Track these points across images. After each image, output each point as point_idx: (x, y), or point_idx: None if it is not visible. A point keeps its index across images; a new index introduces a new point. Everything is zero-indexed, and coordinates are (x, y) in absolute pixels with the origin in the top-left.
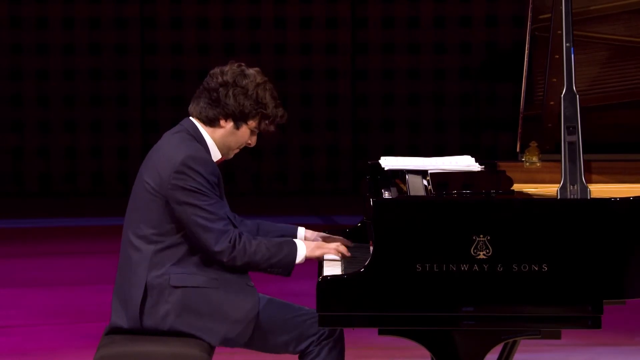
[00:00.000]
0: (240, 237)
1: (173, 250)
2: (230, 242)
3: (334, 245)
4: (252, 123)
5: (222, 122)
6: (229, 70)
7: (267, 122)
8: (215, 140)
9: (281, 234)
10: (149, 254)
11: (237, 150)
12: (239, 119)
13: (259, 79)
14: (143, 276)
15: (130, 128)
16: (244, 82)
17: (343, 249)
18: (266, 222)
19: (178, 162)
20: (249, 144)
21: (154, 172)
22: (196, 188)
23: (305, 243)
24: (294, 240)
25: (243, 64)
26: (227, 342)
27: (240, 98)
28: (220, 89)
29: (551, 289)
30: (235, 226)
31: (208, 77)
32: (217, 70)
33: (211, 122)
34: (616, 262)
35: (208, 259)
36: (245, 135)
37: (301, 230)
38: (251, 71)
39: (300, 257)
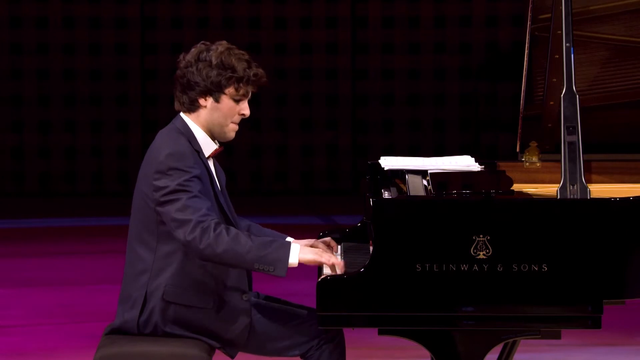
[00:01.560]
0: (217, 225)
1: (171, 257)
2: (202, 228)
3: (327, 256)
4: (230, 90)
5: (201, 102)
6: (192, 51)
7: (242, 84)
8: (203, 124)
9: (271, 238)
10: (150, 260)
11: (235, 126)
12: (214, 91)
13: (221, 48)
14: (144, 284)
15: (130, 128)
16: (205, 55)
17: (337, 262)
18: (256, 225)
19: (158, 162)
20: (243, 114)
21: (145, 176)
22: (176, 185)
23: (301, 246)
24: (288, 241)
25: (208, 42)
26: (222, 349)
27: (206, 71)
28: (187, 71)
29: (551, 289)
30: (233, 221)
31: (177, 68)
32: (181, 56)
33: (192, 107)
34: (616, 262)
35: (205, 269)
36: (230, 106)
37: (289, 240)
38: (215, 45)
39: (293, 257)
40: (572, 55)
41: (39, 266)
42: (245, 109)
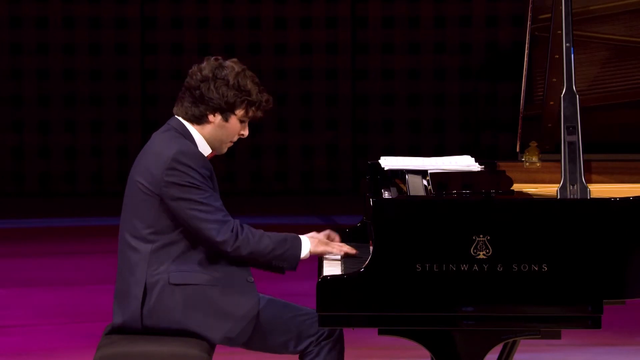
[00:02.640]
0: (242, 226)
1: (171, 248)
2: (232, 231)
3: (338, 247)
4: (240, 112)
5: (210, 118)
6: (207, 65)
7: (254, 109)
8: (205, 136)
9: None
10: (147, 253)
11: (231, 144)
12: (226, 111)
13: (237, 68)
14: (142, 276)
15: (130, 128)
16: (223, 74)
17: (347, 248)
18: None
19: (169, 159)
20: (242, 134)
21: (146, 171)
22: (190, 183)
23: (310, 238)
24: (298, 235)
25: (220, 57)
26: (228, 341)
27: (222, 89)
28: (202, 85)
29: (551, 289)
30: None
31: (188, 77)
32: (195, 68)
33: (199, 120)
34: (616, 262)
35: (208, 255)
36: (235, 126)
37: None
38: (228, 62)
39: (304, 251)
40: (572, 55)
41: (39, 266)
42: (246, 130)
